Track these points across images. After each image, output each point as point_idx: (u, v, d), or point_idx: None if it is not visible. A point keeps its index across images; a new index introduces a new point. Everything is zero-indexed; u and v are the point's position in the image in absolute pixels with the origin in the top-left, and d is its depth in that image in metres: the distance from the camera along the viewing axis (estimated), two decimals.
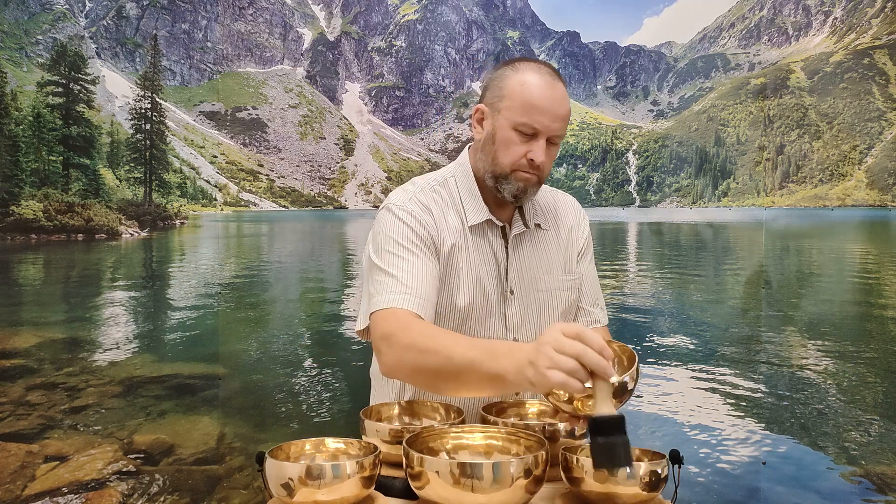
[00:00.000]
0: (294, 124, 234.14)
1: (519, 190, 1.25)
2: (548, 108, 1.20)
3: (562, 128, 1.23)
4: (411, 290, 1.18)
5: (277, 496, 0.93)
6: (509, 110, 1.22)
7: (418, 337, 1.09)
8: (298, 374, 5.91)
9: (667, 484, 0.99)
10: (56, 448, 3.93)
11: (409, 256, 1.22)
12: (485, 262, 1.31)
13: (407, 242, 1.24)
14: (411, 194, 1.31)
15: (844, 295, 11.77)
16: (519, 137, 1.22)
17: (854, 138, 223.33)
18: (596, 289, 1.44)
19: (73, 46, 61.23)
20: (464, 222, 1.30)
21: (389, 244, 1.24)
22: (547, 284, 1.35)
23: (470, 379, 1.01)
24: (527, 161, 1.23)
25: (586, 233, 1.44)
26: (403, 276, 1.19)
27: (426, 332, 1.09)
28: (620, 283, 13.24)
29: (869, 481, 3.56)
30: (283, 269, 17.43)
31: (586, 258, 1.42)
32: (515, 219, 1.34)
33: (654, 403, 4.96)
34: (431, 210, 1.29)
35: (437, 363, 1.04)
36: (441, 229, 1.28)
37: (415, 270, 1.20)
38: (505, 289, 1.32)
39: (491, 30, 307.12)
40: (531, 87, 1.21)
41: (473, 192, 1.32)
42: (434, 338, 1.07)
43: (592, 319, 1.41)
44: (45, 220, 29.62)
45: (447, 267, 1.28)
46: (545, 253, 1.37)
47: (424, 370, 1.07)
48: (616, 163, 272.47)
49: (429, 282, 1.21)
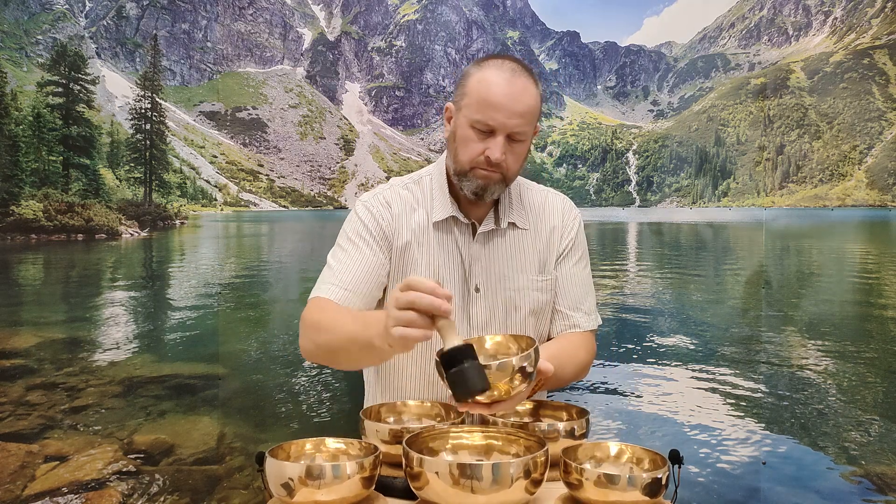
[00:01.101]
0: (294, 124, 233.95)
1: (478, 187, 1.24)
2: (503, 105, 1.19)
3: (521, 124, 1.21)
4: (339, 281, 1.25)
5: (277, 496, 0.93)
6: (468, 108, 1.22)
7: (318, 316, 1.17)
8: (298, 374, 5.91)
9: (667, 485, 0.99)
10: (56, 448, 3.93)
11: (351, 249, 1.29)
12: (447, 257, 1.31)
13: (354, 236, 1.30)
14: (379, 191, 1.35)
15: (844, 295, 11.76)
16: (476, 135, 1.22)
17: (854, 138, 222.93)
18: (581, 291, 1.39)
19: (73, 46, 61.19)
20: (429, 218, 1.32)
21: (341, 237, 1.32)
22: (517, 283, 1.33)
23: (352, 350, 1.06)
24: (484, 159, 1.22)
25: (572, 235, 1.39)
26: (339, 266, 1.27)
27: (326, 313, 1.17)
28: (620, 283, 13.24)
29: (869, 481, 3.56)
30: (283, 269, 17.43)
31: (570, 260, 1.38)
32: (489, 216, 1.33)
33: (654, 403, 4.96)
34: (391, 206, 1.32)
35: (328, 339, 1.12)
36: (398, 225, 1.31)
37: (350, 262, 1.27)
38: (470, 286, 1.32)
39: (491, 30, 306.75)
40: (488, 85, 1.20)
41: (444, 189, 1.33)
42: (330, 316, 1.15)
43: (571, 324, 1.37)
44: (45, 220, 29.57)
45: (403, 262, 1.30)
46: (519, 252, 1.35)
47: (322, 346, 1.15)
48: (616, 163, 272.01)
49: (360, 273, 1.26)
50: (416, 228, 1.31)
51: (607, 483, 0.93)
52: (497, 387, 0.97)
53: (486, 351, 1.13)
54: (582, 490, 0.95)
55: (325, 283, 1.26)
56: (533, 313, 1.35)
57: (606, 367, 6.09)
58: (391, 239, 1.30)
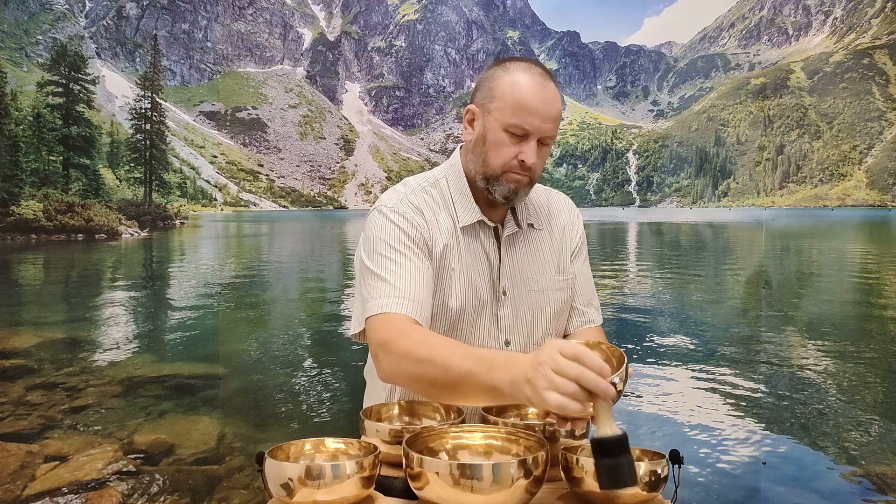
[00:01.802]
0: (294, 124, 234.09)
1: (510, 191, 1.24)
2: (538, 109, 1.19)
3: (552, 128, 1.21)
4: (405, 294, 1.17)
5: (277, 496, 0.93)
6: (500, 111, 1.21)
7: (415, 345, 1.07)
8: (298, 374, 5.92)
9: (667, 484, 0.99)
10: (56, 448, 3.93)
11: (401, 259, 1.21)
12: (477, 263, 1.30)
13: (399, 245, 1.22)
14: (402, 195, 1.29)
15: (844, 295, 11.76)
16: (510, 138, 1.21)
17: (854, 138, 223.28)
18: (590, 288, 1.42)
19: (73, 46, 61.16)
20: (455, 223, 1.30)
21: (381, 247, 1.23)
22: (540, 285, 1.34)
23: (466, 390, 1.00)
24: (518, 162, 1.22)
25: (580, 232, 1.42)
26: (396, 279, 1.18)
27: (422, 340, 1.08)
28: (620, 283, 13.24)
29: (869, 481, 3.56)
30: (283, 269, 17.42)
31: (580, 258, 1.41)
32: (508, 219, 1.33)
33: (654, 403, 4.96)
34: (423, 211, 1.27)
35: (433, 373, 1.03)
36: (433, 230, 1.27)
37: (407, 274, 1.19)
38: (497, 290, 1.31)
39: (491, 30, 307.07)
40: (521, 88, 1.19)
41: (465, 192, 1.31)
42: (431, 346, 1.06)
43: (586, 319, 1.40)
44: (45, 220, 29.62)
45: (440, 268, 1.27)
46: (538, 253, 1.36)
47: (421, 379, 1.06)
48: (616, 163, 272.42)
49: (422, 284, 1.20)
50: (446, 234, 1.29)
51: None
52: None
53: None
54: (583, 484, 0.96)
55: (387, 297, 1.17)
56: (556, 313, 1.37)
57: None
58: (430, 245, 1.27)
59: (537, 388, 0.85)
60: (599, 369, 0.84)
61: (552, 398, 0.84)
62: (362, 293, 1.23)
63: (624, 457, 0.83)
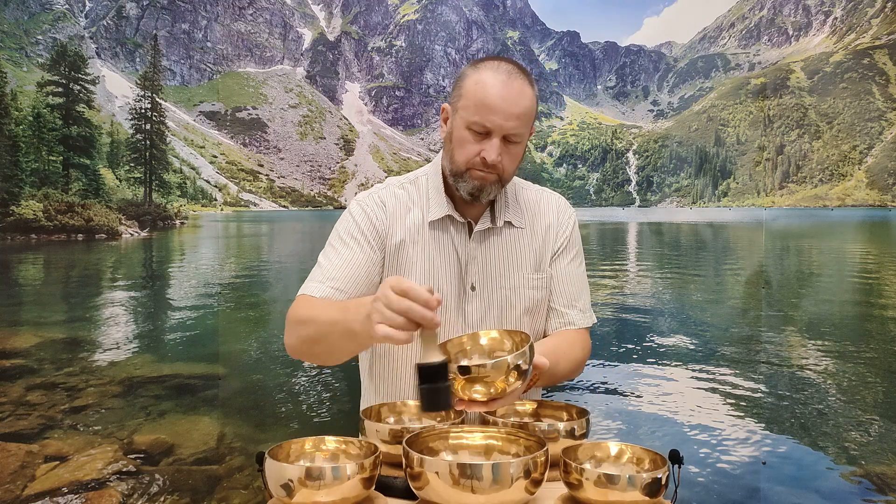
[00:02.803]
0: (294, 124, 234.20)
1: (474, 188, 1.25)
2: (499, 107, 1.19)
3: (517, 126, 1.21)
4: (328, 279, 1.25)
5: (277, 496, 0.93)
6: (464, 109, 1.23)
7: (301, 310, 1.18)
8: (298, 374, 5.92)
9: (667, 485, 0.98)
10: (56, 448, 3.93)
11: (341, 247, 1.29)
12: (443, 256, 1.32)
13: (346, 235, 1.30)
14: (374, 191, 1.37)
15: (844, 295, 11.76)
16: (472, 136, 1.23)
17: (854, 138, 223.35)
18: (575, 289, 1.40)
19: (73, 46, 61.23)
20: (425, 217, 1.32)
21: (333, 236, 1.32)
22: (511, 281, 1.34)
23: (332, 338, 1.07)
24: (480, 160, 1.23)
25: (568, 233, 1.41)
26: (328, 265, 1.27)
27: (308, 305, 1.18)
28: (620, 283, 13.24)
29: (869, 481, 3.56)
30: (283, 269, 17.43)
31: (565, 258, 1.40)
32: (485, 216, 1.34)
33: (654, 403, 4.96)
34: (385, 205, 1.33)
35: (308, 331, 1.13)
36: (394, 224, 1.31)
37: (340, 261, 1.27)
38: (465, 284, 1.32)
39: (491, 30, 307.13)
40: (484, 86, 1.20)
41: (439, 189, 1.33)
42: (311, 307, 1.16)
43: (566, 321, 1.38)
44: (45, 220, 29.60)
45: (398, 261, 1.31)
46: (515, 250, 1.36)
47: (304, 339, 1.15)
48: (616, 163, 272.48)
49: (350, 272, 1.26)
50: (412, 227, 1.32)
51: (607, 483, 0.93)
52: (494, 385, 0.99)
53: (481, 347, 1.14)
54: (582, 490, 0.95)
55: (313, 280, 1.25)
56: (528, 311, 1.36)
57: (606, 367, 6.09)
58: (385, 238, 1.31)
59: (371, 321, 0.92)
60: (426, 302, 0.89)
61: (381, 330, 0.90)
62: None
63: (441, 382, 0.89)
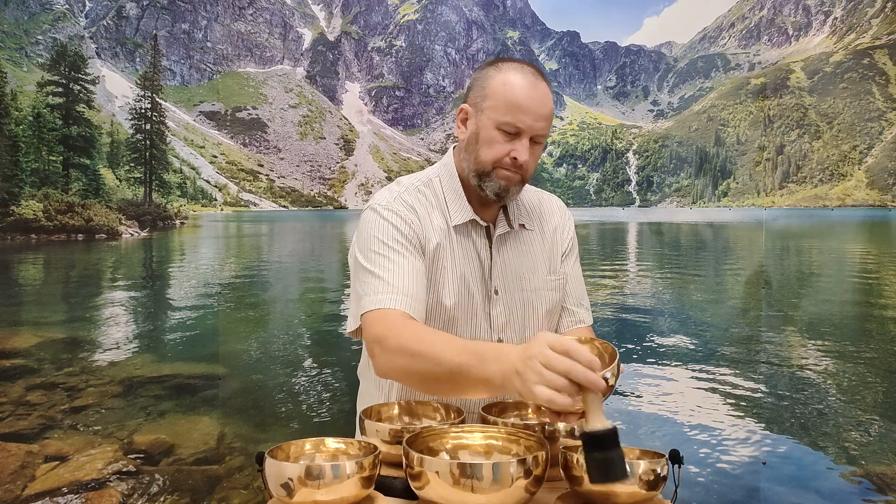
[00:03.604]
0: (294, 124, 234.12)
1: (501, 188, 1.26)
2: (531, 108, 1.21)
3: (545, 127, 1.23)
4: (399, 290, 1.18)
5: (277, 496, 0.93)
6: (493, 110, 1.23)
7: (409, 340, 1.09)
8: (298, 374, 5.92)
9: (667, 484, 0.99)
10: (56, 448, 3.93)
11: (395, 256, 1.23)
12: (469, 261, 1.32)
13: (392, 242, 1.24)
14: (396, 194, 1.32)
15: (844, 295, 11.76)
16: (502, 136, 1.23)
17: (854, 138, 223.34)
18: (581, 289, 1.44)
19: (73, 46, 61.15)
20: (448, 222, 1.31)
21: (375, 244, 1.24)
22: (531, 284, 1.36)
23: (460, 383, 1.01)
24: (510, 160, 1.23)
25: (571, 233, 1.44)
26: (390, 276, 1.20)
27: (416, 335, 1.10)
28: (620, 283, 13.24)
29: (869, 481, 3.56)
30: (283, 269, 17.42)
31: (571, 258, 1.43)
32: (500, 219, 1.35)
33: (654, 403, 4.96)
34: (416, 209, 1.30)
35: (426, 367, 1.05)
36: (426, 228, 1.29)
37: (401, 270, 1.21)
38: (489, 288, 1.33)
39: (491, 30, 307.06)
40: (514, 87, 1.21)
41: (458, 191, 1.33)
42: (424, 341, 1.07)
43: (577, 319, 1.41)
44: (45, 220, 29.61)
45: (433, 266, 1.29)
46: (530, 253, 1.37)
47: (415, 373, 1.08)
48: (616, 163, 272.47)
49: (416, 280, 1.21)
50: (439, 232, 1.31)
51: (605, 488, 0.93)
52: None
53: None
54: (583, 484, 0.95)
55: (381, 293, 1.18)
56: (548, 313, 1.38)
57: None
58: (423, 243, 1.29)
59: (527, 381, 0.86)
60: (589, 363, 0.84)
61: (542, 392, 0.84)
62: (357, 290, 1.25)
63: (614, 450, 0.83)
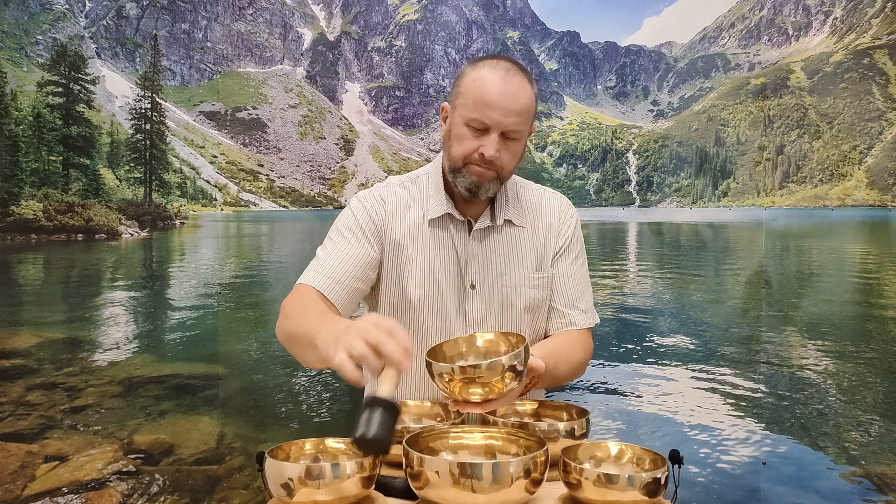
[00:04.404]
0: (294, 124, 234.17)
1: (472, 184, 1.26)
2: (498, 104, 1.20)
3: (516, 122, 1.22)
4: (323, 270, 1.26)
5: (277, 496, 0.93)
6: (462, 106, 1.24)
7: (292, 303, 1.20)
8: (298, 374, 5.91)
9: (667, 485, 0.99)
10: (56, 448, 3.92)
11: (339, 240, 1.31)
12: (442, 255, 1.33)
13: (344, 229, 1.32)
14: (375, 189, 1.39)
15: (844, 295, 11.76)
16: (471, 132, 1.24)
17: (854, 138, 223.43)
18: (578, 290, 1.40)
19: (73, 46, 61.13)
20: (424, 215, 1.34)
21: (332, 230, 1.34)
22: (512, 280, 1.35)
23: (303, 343, 1.08)
24: (478, 155, 1.24)
25: (569, 233, 1.41)
26: (325, 256, 1.29)
27: (299, 302, 1.19)
28: (620, 283, 13.24)
29: (869, 481, 3.56)
30: (283, 269, 17.42)
31: (567, 258, 1.40)
32: (485, 214, 1.35)
33: (654, 403, 4.96)
34: (386, 202, 1.35)
35: (290, 327, 1.15)
36: (392, 220, 1.33)
37: (337, 252, 1.29)
38: (465, 282, 1.33)
39: (491, 30, 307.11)
40: (484, 83, 1.22)
41: (439, 187, 1.35)
42: (301, 306, 1.17)
43: (567, 321, 1.37)
44: (45, 220, 29.61)
45: (397, 258, 1.32)
46: (516, 249, 1.36)
47: (287, 335, 1.17)
48: (616, 163, 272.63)
49: (346, 264, 1.27)
50: (412, 225, 1.33)
51: (606, 483, 0.93)
52: (489, 385, 0.99)
53: (477, 349, 1.15)
54: (581, 490, 0.95)
55: (310, 271, 1.28)
56: (528, 310, 1.36)
57: (606, 367, 6.09)
58: (383, 234, 1.32)
59: (337, 347, 0.90)
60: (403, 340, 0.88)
61: (338, 357, 0.88)
62: None
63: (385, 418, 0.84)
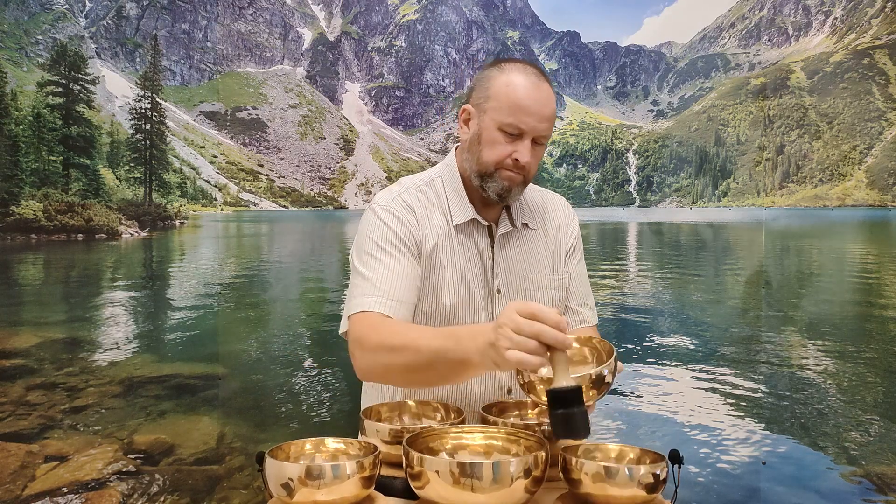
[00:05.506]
0: (294, 124, 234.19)
1: (503, 189, 1.25)
2: (533, 109, 1.20)
3: (547, 128, 1.23)
4: (384, 293, 1.19)
5: (277, 496, 0.93)
6: (495, 111, 1.23)
7: (386, 336, 1.10)
8: (298, 374, 5.92)
9: (667, 484, 0.99)
10: (56, 448, 3.93)
11: (385, 258, 1.23)
12: (470, 261, 1.32)
13: (385, 244, 1.25)
14: (396, 194, 1.32)
15: (844, 295, 11.76)
16: (504, 137, 1.23)
17: (854, 138, 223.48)
18: (585, 288, 1.44)
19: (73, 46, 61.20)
20: (449, 222, 1.31)
21: (368, 245, 1.25)
22: (534, 283, 1.36)
23: (439, 368, 1.03)
24: (512, 161, 1.23)
25: (575, 232, 1.44)
26: (377, 278, 1.21)
27: (392, 330, 1.11)
28: (620, 283, 13.24)
29: (869, 481, 3.56)
30: (283, 269, 17.42)
31: (575, 258, 1.43)
32: (503, 218, 1.35)
33: (654, 403, 4.96)
34: (414, 209, 1.30)
35: (405, 359, 1.06)
36: (424, 228, 1.29)
37: (389, 272, 1.21)
38: (491, 287, 1.33)
39: (491, 30, 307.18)
40: (517, 88, 1.21)
41: (459, 191, 1.33)
42: (400, 334, 1.09)
43: (581, 319, 1.41)
44: (45, 220, 29.60)
45: (431, 266, 1.29)
46: (533, 252, 1.37)
47: (396, 367, 1.09)
48: (616, 163, 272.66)
49: (404, 283, 1.21)
50: (439, 232, 1.30)
51: (606, 477, 0.93)
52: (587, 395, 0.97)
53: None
54: (581, 486, 0.95)
55: (367, 296, 1.19)
56: None
57: None
58: (420, 244, 1.28)
59: (500, 349, 0.89)
60: (556, 324, 0.87)
61: (513, 355, 0.87)
62: (349, 291, 1.26)
63: (577, 407, 0.86)
